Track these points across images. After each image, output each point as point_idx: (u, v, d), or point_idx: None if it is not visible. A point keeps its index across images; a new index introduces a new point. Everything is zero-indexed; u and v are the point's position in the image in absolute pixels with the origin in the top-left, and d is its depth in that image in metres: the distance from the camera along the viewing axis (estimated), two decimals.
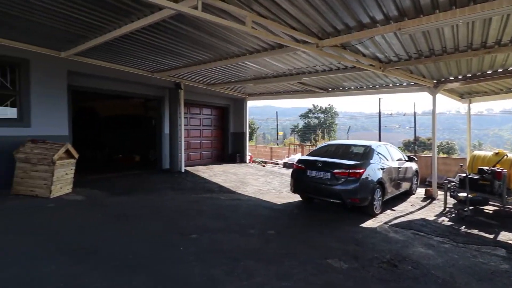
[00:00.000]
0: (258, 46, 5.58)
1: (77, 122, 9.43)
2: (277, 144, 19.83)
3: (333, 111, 40.37)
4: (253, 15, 3.98)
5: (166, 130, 9.47)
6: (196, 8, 3.57)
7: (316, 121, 39.00)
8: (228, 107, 12.24)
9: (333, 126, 37.92)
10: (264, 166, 11.91)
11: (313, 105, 40.77)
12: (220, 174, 9.06)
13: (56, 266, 2.78)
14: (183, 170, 9.15)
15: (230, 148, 12.39)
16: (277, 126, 23.10)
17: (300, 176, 5.60)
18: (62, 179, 5.38)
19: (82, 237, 3.54)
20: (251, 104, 12.62)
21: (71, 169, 5.64)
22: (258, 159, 13.30)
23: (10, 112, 5.90)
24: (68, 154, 5.52)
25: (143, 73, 8.02)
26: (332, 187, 5.13)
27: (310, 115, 40.40)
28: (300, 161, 5.86)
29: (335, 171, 5.12)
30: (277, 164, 12.63)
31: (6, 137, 5.53)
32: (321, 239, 4.01)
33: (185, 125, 9.80)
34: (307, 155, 6.30)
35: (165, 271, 2.82)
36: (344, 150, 6.07)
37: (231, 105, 12.32)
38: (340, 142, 7.03)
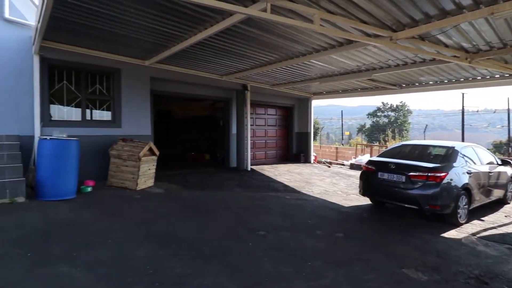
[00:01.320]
0: (325, 44, 5.46)
1: (156, 122, 10.51)
2: (342, 144, 19.08)
3: (406, 108, 37.10)
4: (321, 13, 3.92)
5: (234, 130, 9.90)
6: (265, 10, 3.67)
7: (386, 120, 36.35)
8: (292, 106, 12.23)
9: (405, 125, 34.84)
10: (329, 166, 11.58)
11: (383, 102, 38.11)
12: (285, 174, 9.11)
13: (143, 250, 3.15)
14: (249, 169, 9.46)
15: (294, 148, 12.36)
16: (342, 126, 22.25)
17: (371, 178, 5.30)
18: (146, 174, 6.06)
19: (164, 226, 3.94)
20: (314, 103, 12.38)
21: (153, 165, 6.32)
22: (323, 160, 12.98)
23: (106, 115, 6.87)
24: (151, 152, 6.19)
25: (213, 77, 8.52)
26: (407, 191, 4.74)
27: (379, 114, 37.86)
28: (370, 162, 5.55)
29: (411, 174, 4.72)
30: (343, 165, 12.16)
31: (103, 136, 6.47)
32: (396, 246, 3.74)
33: (251, 125, 10.11)
34: (378, 156, 5.92)
35: (237, 264, 2.97)
36: (421, 152, 5.55)
37: (295, 104, 12.28)
38: (415, 142, 6.43)
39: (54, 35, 5.32)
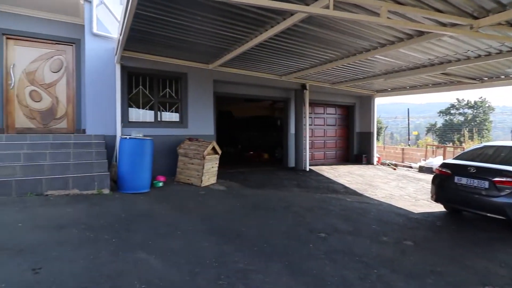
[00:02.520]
0: (392, 37, 5.11)
1: (217, 123, 11.03)
2: (409, 145, 17.60)
3: (487, 105, 32.63)
4: (388, 4, 3.68)
5: (292, 130, 9.87)
6: (327, 7, 3.58)
7: (462, 118, 32.45)
8: (353, 105, 11.72)
9: (486, 124, 30.61)
10: (394, 169, 10.81)
11: (457, 99, 34.10)
12: (345, 175, 8.78)
13: (209, 243, 3.34)
14: (307, 169, 9.34)
15: (355, 148, 11.83)
16: (408, 125, 20.50)
17: (445, 183, 4.81)
18: (209, 171, 6.41)
19: (227, 221, 4.13)
20: (377, 101, 11.66)
21: (216, 163, 6.66)
22: (387, 161, 12.16)
23: (174, 116, 7.46)
24: (214, 151, 6.53)
25: (272, 77, 8.61)
26: (492, 199, 4.19)
27: (452, 111, 33.98)
28: (445, 165, 5.04)
29: (497, 179, 4.15)
30: (411, 167, 11.23)
31: (172, 136, 7.05)
32: (476, 260, 3.33)
33: (309, 124, 9.97)
34: (454, 159, 5.33)
35: (298, 264, 2.96)
36: (509, 154, 4.83)
37: (356, 103, 11.74)
38: (501, 143, 5.60)
39: (132, 45, 5.94)
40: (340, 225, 4.29)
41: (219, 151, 6.70)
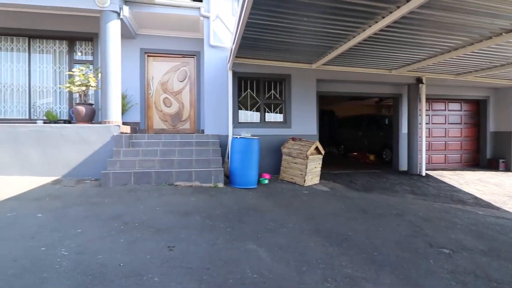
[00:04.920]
0: None
1: (319, 122, 10.90)
2: None
3: None
4: None
5: (404, 129, 8.90)
6: None
7: None
8: (486, 99, 9.74)
9: None
10: None
11: None
12: (474, 183, 7.37)
13: (314, 243, 3.34)
14: (423, 174, 8.26)
15: (488, 152, 9.80)
16: None
17: None
18: (312, 171, 6.40)
19: (332, 223, 4.04)
20: None
21: (319, 163, 6.60)
22: None
23: (279, 117, 7.75)
24: (317, 150, 6.49)
25: (379, 72, 7.95)
26: None
27: None
28: None
29: None
30: None
31: (277, 136, 7.35)
32: None
33: (426, 123, 8.79)
34: None
35: (415, 279, 2.66)
36: None
37: (491, 96, 9.71)
38: None
39: (242, 52, 6.45)
40: (469, 242, 3.63)
41: (322, 151, 6.61)
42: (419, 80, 8.34)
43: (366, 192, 6.12)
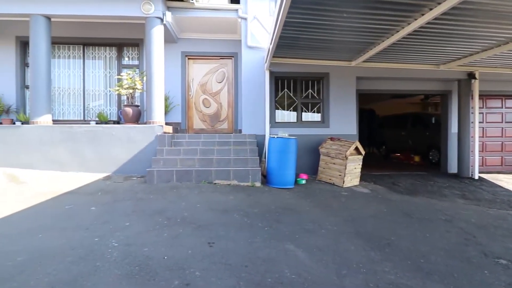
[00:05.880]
0: None
1: (359, 122, 10.51)
2: None
3: None
4: None
5: (453, 128, 8.27)
6: None
7: None
8: None
9: None
10: None
11: None
12: None
13: (354, 247, 3.24)
14: (476, 177, 7.61)
15: None
16: None
17: None
18: (352, 172, 6.20)
19: (373, 227, 3.89)
20: None
21: (359, 164, 6.37)
22: None
23: (316, 116, 7.62)
24: (357, 151, 6.27)
25: (426, 68, 7.46)
26: None
27: None
28: None
29: None
30: None
31: (314, 136, 7.24)
32: None
33: (479, 122, 8.09)
34: None
35: None
36: None
37: None
38: None
39: (279, 52, 6.44)
40: None
41: (363, 152, 6.37)
42: (471, 75, 7.69)
43: (411, 195, 5.78)
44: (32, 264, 2.63)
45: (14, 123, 7.25)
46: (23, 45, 8.11)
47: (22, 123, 7.15)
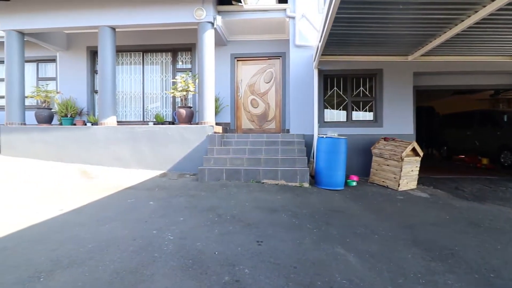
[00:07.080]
0: None
1: (416, 121, 9.76)
2: None
3: None
4: None
5: None
6: None
7: None
8: None
9: None
10: None
11: None
12: None
13: (412, 255, 3.01)
14: None
15: None
16: None
17: None
18: (408, 175, 5.79)
19: (433, 235, 3.58)
20: None
21: (416, 166, 5.92)
22: None
23: (368, 115, 7.26)
24: (414, 152, 5.83)
25: (497, 60, 6.66)
26: None
27: None
28: None
29: None
30: None
31: (366, 135, 6.92)
32: None
33: None
34: None
35: None
36: None
37: None
38: None
39: (328, 49, 6.27)
40: None
41: (420, 153, 5.90)
42: None
43: (478, 202, 5.21)
44: (100, 251, 2.93)
45: (85, 124, 8.15)
46: (92, 54, 9.06)
47: (92, 124, 8.00)
